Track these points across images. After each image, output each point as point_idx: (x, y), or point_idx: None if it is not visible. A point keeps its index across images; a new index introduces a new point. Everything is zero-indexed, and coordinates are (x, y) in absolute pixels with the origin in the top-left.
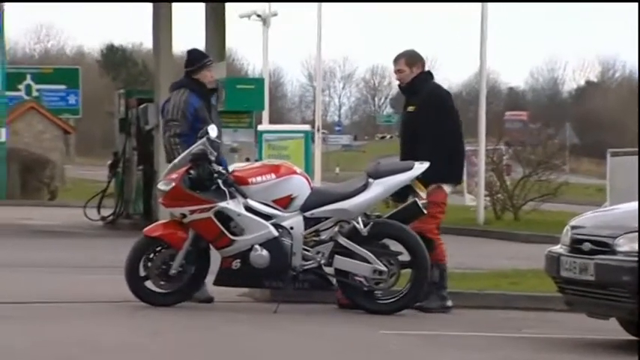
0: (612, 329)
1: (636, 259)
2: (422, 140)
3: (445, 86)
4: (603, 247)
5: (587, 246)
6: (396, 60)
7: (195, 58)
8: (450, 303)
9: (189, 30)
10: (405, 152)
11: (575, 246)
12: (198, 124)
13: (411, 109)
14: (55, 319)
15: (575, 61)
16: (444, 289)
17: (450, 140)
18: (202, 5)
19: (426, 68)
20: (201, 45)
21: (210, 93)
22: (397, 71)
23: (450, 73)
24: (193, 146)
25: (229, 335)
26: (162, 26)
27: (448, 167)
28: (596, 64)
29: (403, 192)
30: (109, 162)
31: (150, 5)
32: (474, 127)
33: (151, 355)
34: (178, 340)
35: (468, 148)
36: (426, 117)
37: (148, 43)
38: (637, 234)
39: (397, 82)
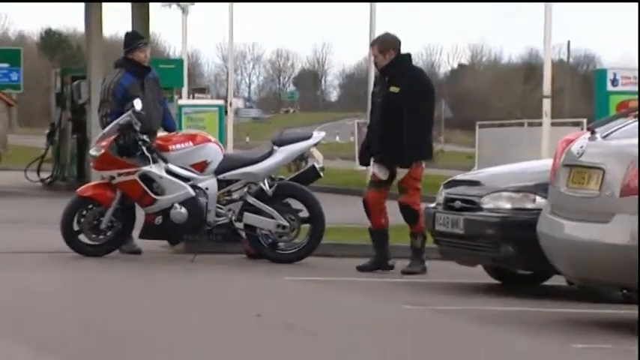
0: (478, 274)
1: (499, 215)
2: (407, 120)
3: (339, 68)
4: (471, 204)
5: (457, 204)
6: (371, 46)
7: (129, 40)
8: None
9: (117, 16)
10: (383, 130)
11: (448, 204)
12: (128, 101)
13: (394, 89)
14: (1, 267)
15: (449, 47)
16: (424, 253)
17: (429, 121)
18: None
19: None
20: (127, 29)
21: (144, 71)
22: (373, 56)
23: (344, 56)
24: (121, 117)
25: (151, 281)
26: (92, 12)
27: (426, 145)
28: (467, 49)
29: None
30: (47, 131)
31: None
32: (365, 103)
33: (80, 299)
34: (104, 286)
35: (361, 120)
36: (413, 99)
37: (81, 28)
38: (500, 193)
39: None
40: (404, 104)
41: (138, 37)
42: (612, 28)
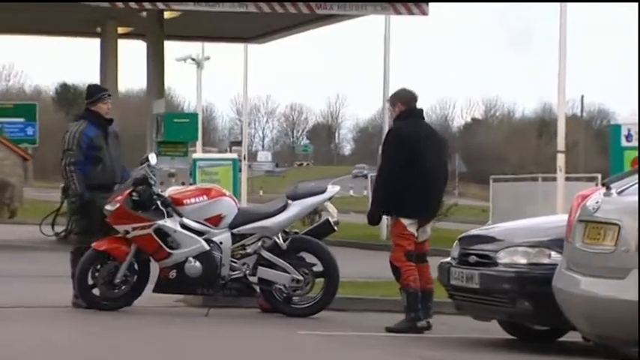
0: (494, 329)
1: (514, 270)
2: (377, 173)
3: (353, 121)
4: (486, 259)
5: (472, 258)
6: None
7: (93, 91)
8: (421, 324)
9: (132, 71)
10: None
11: (463, 258)
12: (92, 152)
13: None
14: (11, 321)
15: (463, 101)
16: (413, 311)
17: (397, 175)
18: (144, 51)
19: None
20: (142, 84)
21: (107, 123)
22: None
23: (359, 110)
24: (135, 171)
25: (165, 335)
26: (108, 66)
27: (400, 201)
28: (480, 103)
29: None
30: (62, 185)
31: (98, 45)
32: (375, 157)
33: (93, 352)
34: (120, 340)
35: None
36: (383, 150)
37: (96, 82)
38: (515, 248)
39: None
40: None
41: (101, 89)
42: (625, 83)
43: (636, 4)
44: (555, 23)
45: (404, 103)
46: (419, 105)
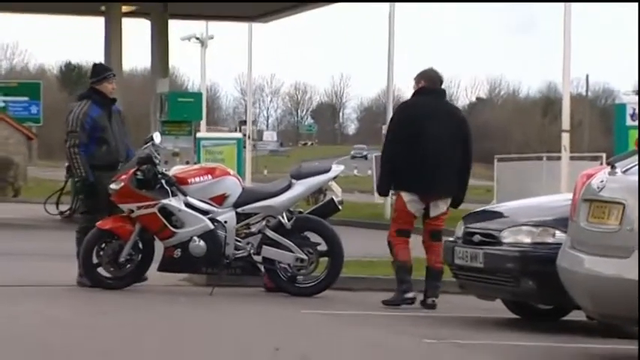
0: (498, 309)
1: (518, 249)
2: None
3: (357, 101)
4: (490, 238)
5: (477, 238)
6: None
7: (98, 70)
8: (410, 295)
9: (136, 50)
10: None
11: (467, 238)
12: (96, 132)
13: None
14: (15, 299)
15: (467, 80)
16: (402, 283)
17: (397, 148)
18: (149, 30)
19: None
20: (147, 63)
21: (111, 103)
22: None
23: (363, 89)
24: (140, 150)
25: (169, 313)
26: (113, 46)
27: (399, 174)
28: (485, 83)
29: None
30: (67, 164)
31: (102, 24)
32: (379, 136)
33: (97, 332)
34: (124, 319)
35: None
36: (387, 125)
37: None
38: (519, 227)
39: None
40: None
41: (106, 68)
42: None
43: (636, 4)
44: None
45: (427, 81)
46: None
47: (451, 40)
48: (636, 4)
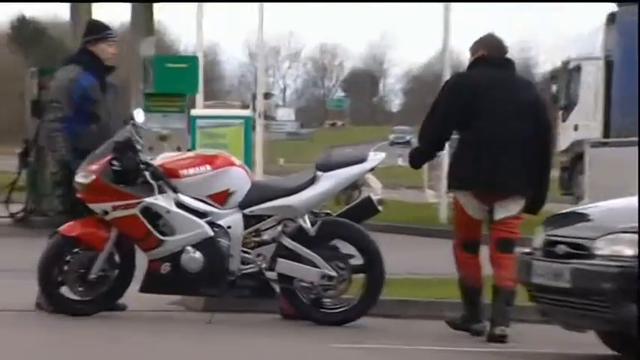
0: (589, 342)
1: (618, 264)
2: None
3: (402, 68)
4: (580, 249)
5: (561, 249)
6: None
7: (93, 28)
8: (477, 327)
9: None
10: None
11: (549, 249)
12: (86, 105)
13: None
14: None
15: (549, 43)
16: (468, 310)
17: (442, 128)
18: None
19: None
20: (125, 18)
21: (108, 71)
22: None
23: (410, 53)
24: (118, 133)
25: (157, 350)
26: None
27: (449, 171)
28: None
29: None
30: (19, 150)
31: None
32: None
33: None
34: (92, 354)
35: None
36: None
37: (64, 15)
38: (618, 235)
39: None
40: None
41: (105, 26)
42: None
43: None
44: None
45: (487, 49)
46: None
47: None
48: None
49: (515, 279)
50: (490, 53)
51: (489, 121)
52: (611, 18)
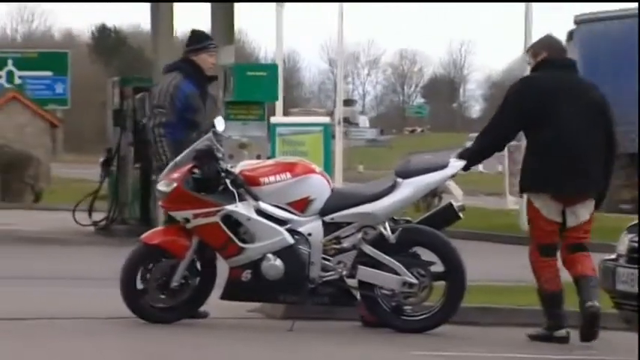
0: None
1: None
2: None
3: (483, 74)
4: None
5: None
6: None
7: (195, 38)
8: (561, 332)
9: (192, 10)
10: None
11: (634, 255)
12: (188, 113)
13: None
14: (43, 337)
15: None
16: (550, 317)
17: (504, 132)
18: None
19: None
20: (206, 27)
21: (208, 81)
22: None
23: (490, 59)
24: (198, 142)
25: (240, 357)
26: (161, 4)
27: (523, 174)
28: None
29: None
30: (102, 159)
31: None
32: None
33: None
34: None
35: (511, 143)
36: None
37: (145, 25)
38: None
39: None
40: None
41: (207, 36)
42: None
43: (636, 4)
44: None
45: (550, 51)
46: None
47: None
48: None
49: (595, 269)
50: (551, 55)
51: (558, 123)
52: (570, 36)
